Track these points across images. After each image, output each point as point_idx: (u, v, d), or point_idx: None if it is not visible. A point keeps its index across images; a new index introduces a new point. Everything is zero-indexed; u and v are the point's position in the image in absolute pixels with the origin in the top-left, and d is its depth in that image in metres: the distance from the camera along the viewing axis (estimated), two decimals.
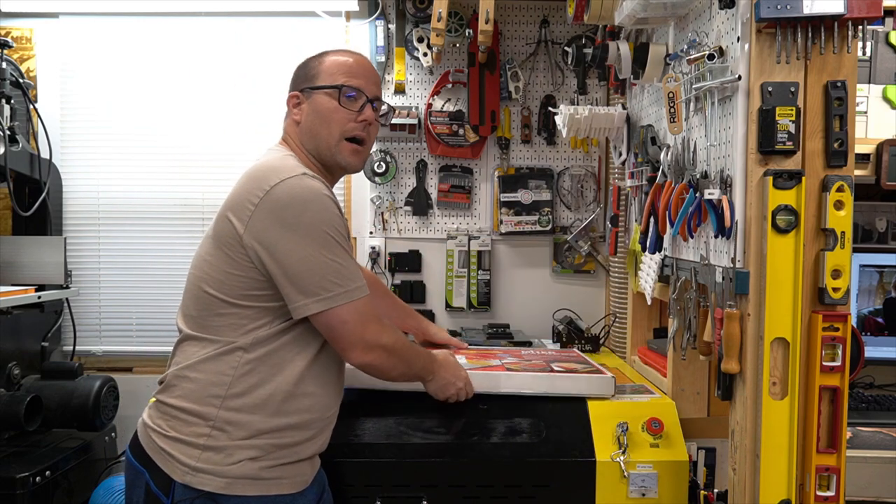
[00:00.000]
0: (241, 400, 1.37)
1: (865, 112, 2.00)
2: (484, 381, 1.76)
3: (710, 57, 1.47)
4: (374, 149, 2.67)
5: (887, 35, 2.04)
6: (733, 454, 1.46)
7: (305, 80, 1.51)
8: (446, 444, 1.72)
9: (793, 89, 1.35)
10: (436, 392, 1.64)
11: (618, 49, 1.89)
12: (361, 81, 1.49)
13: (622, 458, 1.67)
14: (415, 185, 2.71)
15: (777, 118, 1.33)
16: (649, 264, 1.99)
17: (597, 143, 2.69)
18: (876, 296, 2.15)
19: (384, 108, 1.57)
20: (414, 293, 2.71)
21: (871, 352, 2.02)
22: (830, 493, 1.37)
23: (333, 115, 1.46)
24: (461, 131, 2.64)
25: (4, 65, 2.35)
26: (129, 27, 2.69)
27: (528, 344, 2.38)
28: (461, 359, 1.92)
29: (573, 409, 1.76)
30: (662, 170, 1.72)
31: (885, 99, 2.01)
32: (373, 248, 2.70)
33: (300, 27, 2.67)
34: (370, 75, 1.53)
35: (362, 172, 2.66)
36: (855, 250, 1.64)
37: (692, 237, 1.60)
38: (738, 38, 1.40)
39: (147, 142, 2.70)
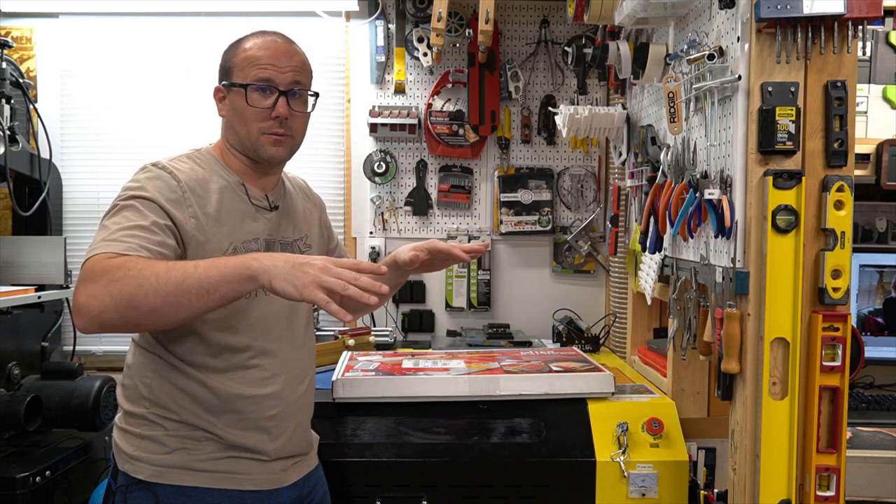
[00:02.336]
0: (168, 393, 1.37)
1: (865, 112, 2.00)
2: (483, 384, 1.76)
3: (710, 57, 1.47)
4: (374, 149, 2.67)
5: (887, 35, 2.04)
6: (733, 454, 1.46)
7: (224, 74, 1.45)
8: (446, 444, 1.72)
9: (793, 89, 1.35)
10: (284, 288, 1.15)
11: (618, 49, 1.89)
12: (272, 72, 1.40)
13: (622, 458, 1.67)
14: (415, 185, 2.71)
15: (777, 118, 1.33)
16: (649, 264, 1.99)
17: (597, 143, 2.69)
18: (876, 296, 2.15)
19: (310, 98, 1.46)
20: (414, 293, 2.71)
21: (871, 352, 2.02)
22: (830, 493, 1.37)
23: (246, 114, 1.41)
24: (461, 131, 2.64)
25: (4, 65, 2.34)
26: (129, 27, 2.68)
27: (528, 344, 2.38)
28: (459, 363, 1.92)
29: (573, 409, 1.76)
30: (662, 170, 1.72)
31: (885, 99, 2.01)
32: (373, 248, 2.70)
33: (300, 27, 2.67)
34: (284, 63, 1.41)
35: (362, 172, 2.66)
36: (855, 250, 1.63)
37: (692, 237, 1.60)
38: (738, 38, 1.40)
39: (147, 142, 2.69)
